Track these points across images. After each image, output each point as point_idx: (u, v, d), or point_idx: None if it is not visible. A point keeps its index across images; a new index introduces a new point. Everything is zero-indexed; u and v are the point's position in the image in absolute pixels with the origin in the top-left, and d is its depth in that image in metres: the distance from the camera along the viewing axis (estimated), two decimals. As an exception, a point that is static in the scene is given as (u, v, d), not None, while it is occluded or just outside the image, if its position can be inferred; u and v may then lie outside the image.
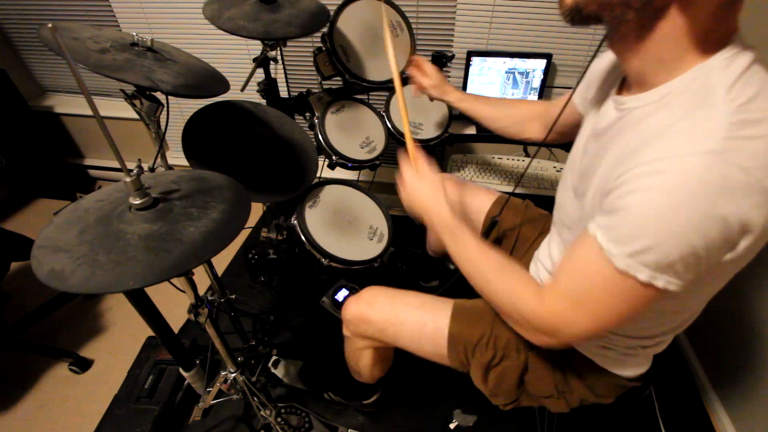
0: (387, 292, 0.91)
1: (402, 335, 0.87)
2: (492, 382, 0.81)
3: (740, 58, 0.47)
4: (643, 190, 0.47)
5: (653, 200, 0.46)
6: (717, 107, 0.45)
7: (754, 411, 1.14)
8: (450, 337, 0.82)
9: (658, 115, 0.51)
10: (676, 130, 0.47)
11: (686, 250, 0.46)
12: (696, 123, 0.46)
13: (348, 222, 1.20)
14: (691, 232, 0.45)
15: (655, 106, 0.53)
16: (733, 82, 0.46)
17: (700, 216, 0.44)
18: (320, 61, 1.24)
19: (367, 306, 0.90)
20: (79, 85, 0.48)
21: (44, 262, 0.50)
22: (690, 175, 0.44)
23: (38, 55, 2.05)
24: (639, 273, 0.49)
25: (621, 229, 0.49)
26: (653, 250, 0.47)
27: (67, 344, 1.48)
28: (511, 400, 0.83)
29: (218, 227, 0.57)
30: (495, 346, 0.80)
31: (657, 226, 0.46)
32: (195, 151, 0.95)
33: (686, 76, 0.50)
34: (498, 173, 1.58)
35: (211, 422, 1.25)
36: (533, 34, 1.53)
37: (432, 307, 0.86)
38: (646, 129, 0.51)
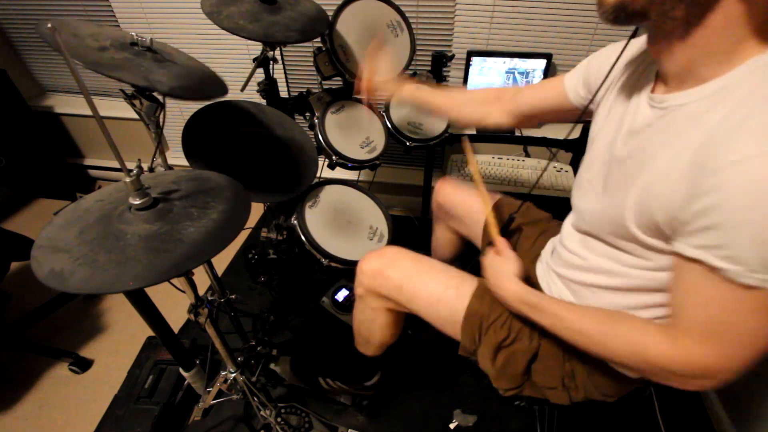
0: (411, 253, 0.91)
1: (420, 296, 0.86)
2: (500, 363, 0.80)
3: None
4: (742, 195, 0.44)
5: (758, 205, 0.43)
6: None
7: (754, 411, 1.14)
8: (468, 311, 0.82)
9: (718, 111, 0.49)
10: (751, 126, 0.45)
11: None
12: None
13: (348, 222, 1.20)
14: None
15: (709, 102, 0.50)
16: None
17: None
18: (320, 61, 1.24)
19: (389, 262, 0.89)
20: (78, 85, 0.48)
21: (44, 262, 0.50)
22: None
23: (38, 55, 2.05)
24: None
25: (734, 244, 0.46)
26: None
27: (67, 344, 1.48)
28: (514, 386, 0.82)
29: (218, 227, 0.57)
30: (510, 327, 0.79)
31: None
32: (195, 151, 0.95)
33: (741, 69, 0.48)
34: (498, 173, 1.58)
35: (211, 422, 1.25)
36: (533, 34, 1.53)
37: (457, 276, 0.86)
38: (708, 127, 0.49)
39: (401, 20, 1.30)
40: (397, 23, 1.30)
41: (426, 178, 1.75)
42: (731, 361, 0.51)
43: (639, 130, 0.60)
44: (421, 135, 1.35)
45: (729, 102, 0.48)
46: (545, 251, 0.91)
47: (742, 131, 0.45)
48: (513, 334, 0.79)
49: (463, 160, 1.65)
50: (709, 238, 0.48)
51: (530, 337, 0.79)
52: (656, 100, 0.58)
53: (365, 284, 0.92)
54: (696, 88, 0.52)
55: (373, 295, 0.93)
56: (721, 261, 0.47)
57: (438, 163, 1.92)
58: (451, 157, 1.68)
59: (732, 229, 0.45)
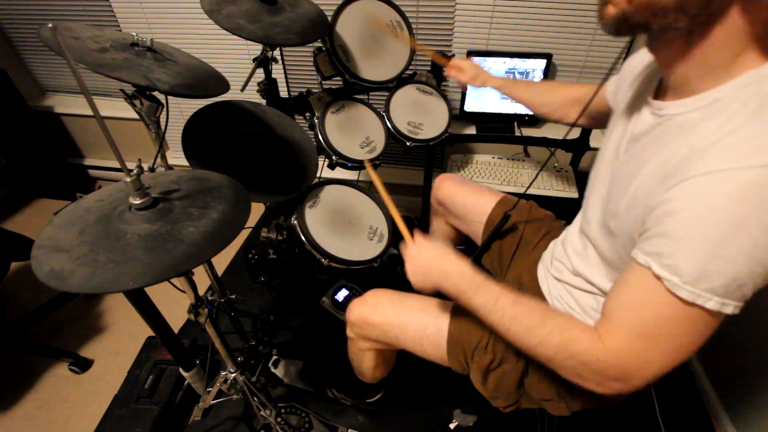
0: (390, 295, 0.91)
1: (405, 337, 0.87)
2: (491, 385, 0.81)
3: None
4: (695, 207, 0.44)
5: (704, 222, 0.43)
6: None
7: (755, 411, 1.14)
8: (449, 340, 0.82)
9: (707, 123, 0.48)
10: (728, 143, 0.44)
11: (756, 270, 0.43)
12: (756, 135, 0.43)
13: (348, 222, 1.20)
14: (761, 250, 0.42)
15: (702, 114, 0.50)
16: None
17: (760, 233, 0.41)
18: (320, 61, 1.24)
19: (371, 309, 0.90)
20: (79, 85, 0.48)
21: (44, 262, 0.50)
22: (753, 188, 0.41)
23: (38, 55, 2.05)
24: (707, 302, 0.45)
25: (676, 254, 0.46)
26: (721, 274, 0.44)
27: (67, 344, 1.48)
28: (511, 403, 0.82)
29: (218, 227, 0.57)
30: (494, 349, 0.80)
31: (723, 247, 0.43)
32: (195, 151, 0.95)
33: (736, 82, 0.47)
34: (498, 173, 1.58)
35: (211, 422, 1.25)
36: (533, 34, 1.53)
37: (434, 310, 0.87)
38: (694, 138, 0.48)
39: (401, 20, 1.30)
40: (397, 23, 1.30)
41: (426, 178, 1.75)
42: (651, 366, 0.52)
43: (639, 137, 0.60)
44: (421, 135, 1.35)
45: (719, 115, 0.48)
46: (546, 253, 0.91)
47: (720, 146, 0.45)
48: (499, 356, 0.80)
49: (463, 160, 1.65)
50: (658, 246, 0.48)
51: (516, 355, 0.79)
52: (656, 107, 0.58)
53: (355, 331, 0.94)
54: (691, 98, 0.51)
55: (362, 339, 0.94)
56: (661, 269, 0.47)
57: (438, 163, 1.92)
58: (451, 157, 1.67)
59: (678, 240, 0.46)
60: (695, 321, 0.48)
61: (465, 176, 1.58)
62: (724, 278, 0.44)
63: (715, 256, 0.44)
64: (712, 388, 1.30)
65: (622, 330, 0.53)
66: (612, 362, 0.53)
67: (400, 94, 1.37)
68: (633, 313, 0.52)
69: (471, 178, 1.57)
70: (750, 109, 0.45)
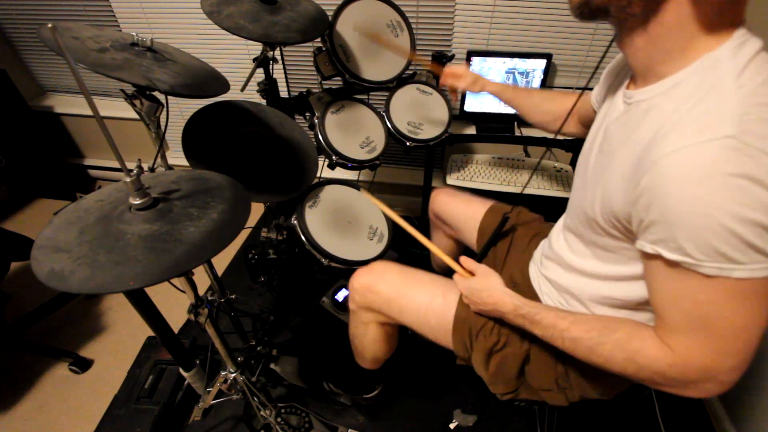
0: (399, 266, 0.93)
1: (409, 308, 0.87)
2: (492, 368, 0.81)
3: (747, 46, 0.48)
4: (672, 187, 0.45)
5: (688, 196, 0.44)
6: (728, 93, 0.45)
7: (754, 411, 1.14)
8: (456, 318, 0.83)
9: (667, 106, 0.51)
10: (689, 119, 0.47)
11: (756, 228, 0.43)
12: (709, 110, 0.46)
13: (348, 222, 1.20)
14: (748, 208, 0.43)
15: (663, 98, 0.52)
16: (742, 68, 0.46)
17: (745, 190, 0.42)
18: (320, 61, 1.24)
19: (378, 276, 0.91)
20: (78, 85, 0.48)
21: (44, 262, 0.50)
22: (714, 159, 0.43)
23: (38, 55, 2.05)
24: (732, 272, 0.45)
25: (679, 236, 0.46)
26: (725, 242, 0.44)
27: (67, 344, 1.48)
28: (509, 390, 0.83)
29: (218, 227, 0.57)
30: (499, 332, 0.80)
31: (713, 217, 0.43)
32: (195, 151, 0.95)
33: (693, 66, 0.50)
34: (498, 173, 1.58)
35: (211, 422, 1.25)
36: (533, 34, 1.53)
37: (443, 284, 0.88)
38: (657, 122, 0.51)
39: (401, 20, 1.30)
40: (397, 23, 1.30)
41: (426, 178, 1.75)
42: (726, 356, 0.50)
43: (611, 125, 0.63)
44: (421, 135, 1.35)
45: (676, 99, 0.50)
46: (537, 252, 0.92)
47: (682, 124, 0.47)
48: (503, 339, 0.80)
49: (463, 160, 1.65)
50: (658, 232, 0.48)
51: (520, 341, 0.80)
52: (627, 95, 0.60)
53: (357, 300, 0.94)
54: (655, 84, 0.54)
55: (364, 309, 0.94)
56: (672, 253, 0.47)
57: (438, 163, 1.92)
58: (451, 157, 1.68)
59: (671, 223, 0.46)
60: (738, 294, 0.46)
61: (465, 176, 1.58)
62: (733, 245, 0.44)
63: (710, 228, 0.44)
64: (712, 388, 1.29)
65: (677, 330, 0.52)
66: (684, 365, 0.52)
67: (400, 94, 1.37)
68: (676, 310, 0.51)
69: (471, 179, 1.57)
70: (704, 90, 0.47)
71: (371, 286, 0.90)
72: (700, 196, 0.44)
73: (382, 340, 1.02)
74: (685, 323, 0.51)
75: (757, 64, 0.47)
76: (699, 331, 0.50)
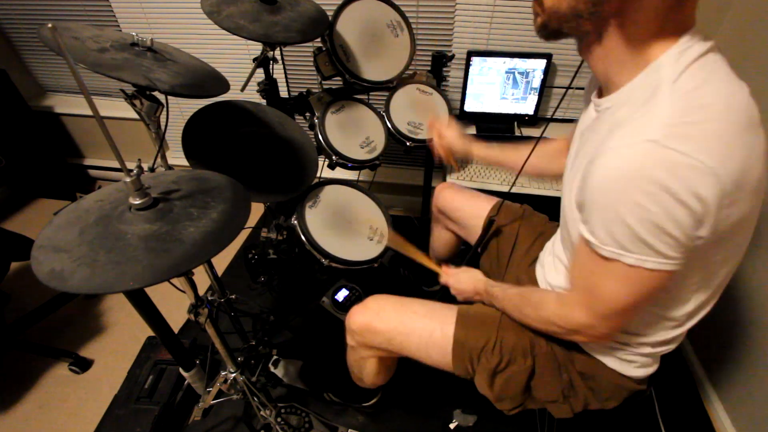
0: (393, 300, 0.91)
1: (409, 344, 0.86)
2: (498, 388, 0.81)
3: (691, 51, 0.50)
4: (596, 180, 0.52)
5: (604, 188, 0.51)
6: (662, 98, 0.49)
7: (754, 411, 1.14)
8: (455, 343, 0.82)
9: (622, 111, 0.55)
10: (626, 124, 0.52)
11: (653, 229, 0.49)
12: (643, 116, 0.50)
13: (348, 222, 1.20)
14: (648, 211, 0.48)
15: (620, 105, 0.57)
16: (680, 73, 0.50)
17: (649, 194, 0.47)
18: (320, 61, 1.24)
19: (374, 315, 0.89)
20: (78, 85, 0.48)
21: (44, 262, 0.50)
22: (633, 161, 0.48)
23: (38, 55, 2.05)
24: (622, 257, 0.53)
25: (592, 220, 0.55)
26: (621, 234, 0.51)
27: (67, 344, 1.48)
28: (516, 405, 0.82)
29: (218, 227, 0.57)
30: (501, 351, 0.80)
31: (615, 211, 0.51)
32: (195, 151, 0.95)
33: (642, 74, 0.54)
34: (498, 173, 1.58)
35: (211, 422, 1.25)
36: (533, 34, 1.52)
37: (439, 315, 0.86)
38: (607, 126, 0.56)
39: (401, 20, 1.30)
40: (397, 23, 1.30)
41: (426, 178, 1.75)
42: (600, 318, 0.62)
43: (583, 131, 0.67)
44: (421, 135, 1.35)
45: (628, 104, 0.55)
46: (542, 254, 0.92)
47: (621, 128, 0.52)
48: (506, 357, 0.80)
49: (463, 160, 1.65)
50: (584, 215, 0.58)
51: (524, 356, 0.79)
52: (596, 103, 0.64)
53: (356, 339, 0.93)
54: (616, 93, 0.58)
55: (364, 347, 0.93)
56: (587, 233, 0.57)
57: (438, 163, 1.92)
58: (451, 157, 1.68)
59: (590, 208, 0.55)
60: (623, 275, 0.55)
61: (465, 176, 1.58)
62: (625, 236, 0.51)
63: (614, 220, 0.51)
64: (713, 389, 1.30)
65: (573, 288, 0.66)
66: (568, 315, 0.66)
67: (400, 94, 1.37)
68: (578, 273, 0.64)
69: (471, 179, 1.57)
70: (645, 96, 0.52)
71: (369, 326, 0.89)
72: (613, 192, 0.50)
73: (382, 371, 1.02)
74: (581, 286, 0.64)
75: (694, 70, 0.50)
76: (585, 293, 0.63)
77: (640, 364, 0.74)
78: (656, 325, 0.67)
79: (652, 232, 0.49)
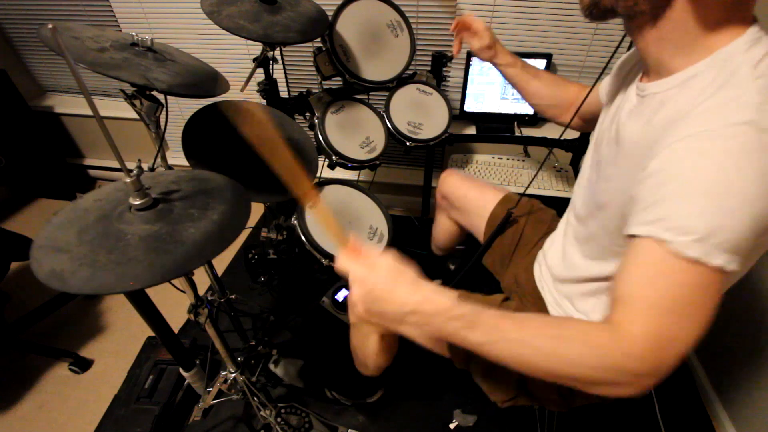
0: None
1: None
2: (492, 378, 0.81)
3: (763, 42, 0.49)
4: (687, 170, 0.45)
5: (702, 179, 0.44)
6: (745, 84, 0.46)
7: (755, 411, 1.14)
8: None
9: (682, 97, 0.52)
10: (704, 109, 0.47)
11: (754, 222, 0.43)
12: (728, 99, 0.46)
13: (348, 222, 1.20)
14: (753, 203, 0.43)
15: (677, 90, 0.53)
16: (759, 60, 0.47)
17: (755, 183, 0.42)
18: (320, 61, 1.24)
19: None
20: (78, 85, 0.48)
21: (44, 262, 0.50)
22: (733, 145, 0.44)
23: (38, 55, 2.05)
24: (713, 258, 0.44)
25: (679, 216, 0.45)
26: (723, 230, 0.44)
27: (67, 344, 1.48)
28: (509, 397, 0.82)
29: (218, 228, 0.57)
30: None
31: (716, 204, 0.44)
32: (195, 151, 0.95)
33: (706, 60, 0.51)
34: (498, 173, 1.58)
35: (211, 422, 1.25)
36: (533, 34, 1.53)
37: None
38: (672, 111, 0.52)
39: (401, 20, 1.30)
40: (397, 23, 1.30)
41: (426, 178, 1.75)
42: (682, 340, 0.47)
43: (623, 117, 0.64)
44: (421, 135, 1.35)
45: (692, 91, 0.51)
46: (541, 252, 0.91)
47: (697, 113, 0.48)
48: None
49: (463, 160, 1.65)
50: (659, 213, 0.47)
51: None
52: (641, 88, 0.61)
53: (356, 313, 0.92)
54: (669, 77, 0.55)
55: (364, 322, 0.93)
56: (667, 233, 0.46)
57: (438, 163, 1.92)
58: (451, 157, 1.68)
59: (679, 201, 0.46)
60: (708, 282, 0.46)
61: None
62: (729, 233, 0.44)
63: (718, 211, 0.44)
64: (712, 388, 1.30)
65: (645, 310, 0.47)
66: (643, 350, 0.46)
67: (400, 94, 1.37)
68: (650, 289, 0.47)
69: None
70: (719, 82, 0.48)
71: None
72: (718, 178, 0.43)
73: (384, 350, 1.01)
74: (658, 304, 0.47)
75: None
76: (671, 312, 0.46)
77: None
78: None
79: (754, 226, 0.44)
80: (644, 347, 0.46)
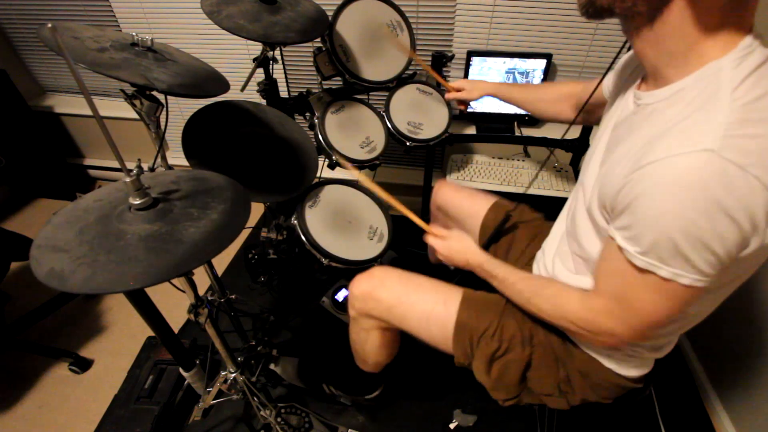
0: (399, 272, 0.91)
1: (410, 316, 0.87)
2: (494, 375, 0.81)
3: (753, 57, 0.48)
4: (647, 188, 0.49)
5: (655, 198, 0.48)
6: (720, 106, 0.46)
7: (754, 411, 1.14)
8: (457, 324, 0.82)
9: (667, 112, 0.52)
10: (680, 129, 0.48)
11: (698, 245, 0.47)
12: (698, 121, 0.47)
13: (348, 222, 1.20)
14: (698, 227, 0.46)
15: (666, 104, 0.54)
16: (741, 80, 0.47)
17: (702, 210, 0.45)
18: (320, 61, 1.24)
19: (378, 283, 0.90)
20: (78, 85, 0.48)
21: (44, 262, 0.50)
22: (688, 172, 0.45)
23: (38, 55, 2.05)
24: (658, 270, 0.50)
25: (633, 228, 0.51)
26: (663, 247, 0.49)
27: (67, 344, 1.48)
28: (511, 396, 0.82)
29: (218, 227, 0.57)
30: (501, 337, 0.80)
31: (662, 223, 0.48)
32: (195, 151, 0.95)
33: (697, 74, 0.50)
34: (498, 173, 1.58)
35: (211, 422, 1.25)
36: (533, 34, 1.53)
37: (444, 291, 0.87)
38: (655, 126, 0.52)
39: (401, 20, 1.30)
40: (397, 23, 1.30)
41: (426, 178, 1.75)
42: (628, 328, 0.60)
43: (619, 124, 0.64)
44: (421, 135, 1.35)
45: (677, 106, 0.51)
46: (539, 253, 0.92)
47: (673, 132, 0.49)
48: (504, 344, 0.80)
49: (463, 160, 1.65)
50: (623, 222, 0.54)
51: (522, 345, 0.79)
52: (637, 96, 0.61)
53: (357, 307, 0.93)
54: (662, 89, 0.55)
55: (365, 316, 0.93)
56: (623, 241, 0.54)
57: (438, 163, 1.92)
58: (451, 157, 1.68)
59: (632, 216, 0.51)
60: (656, 288, 0.53)
61: (465, 176, 1.58)
62: (667, 250, 0.49)
63: (659, 229, 0.48)
64: (712, 388, 1.30)
65: (599, 292, 0.62)
66: (591, 320, 0.63)
67: (400, 94, 1.37)
68: (608, 279, 0.61)
69: (471, 179, 1.57)
70: (701, 99, 0.48)
71: (371, 292, 0.89)
72: (663, 203, 0.48)
73: (384, 346, 1.01)
74: (608, 291, 0.61)
75: (755, 79, 0.47)
76: (616, 302, 0.59)
77: (635, 365, 0.74)
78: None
79: (696, 249, 0.47)
80: (593, 317, 0.63)
